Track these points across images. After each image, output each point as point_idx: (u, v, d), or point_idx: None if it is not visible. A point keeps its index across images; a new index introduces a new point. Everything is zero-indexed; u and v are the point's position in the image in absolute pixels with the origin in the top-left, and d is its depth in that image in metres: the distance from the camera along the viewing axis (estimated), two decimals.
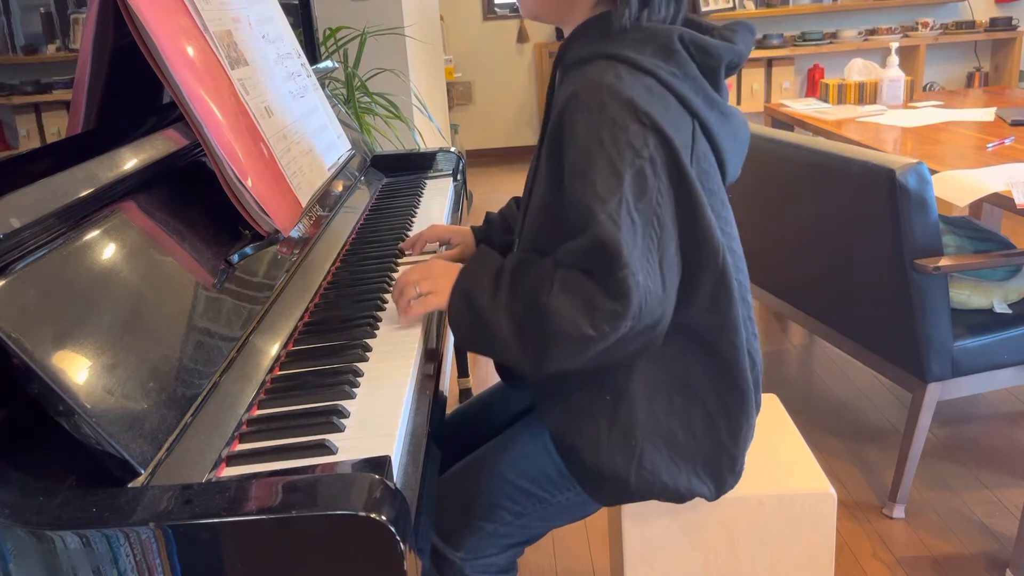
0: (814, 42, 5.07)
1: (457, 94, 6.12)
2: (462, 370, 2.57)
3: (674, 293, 1.01)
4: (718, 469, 1.11)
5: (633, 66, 1.00)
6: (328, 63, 2.18)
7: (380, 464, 0.79)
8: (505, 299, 1.02)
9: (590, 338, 0.95)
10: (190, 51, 1.09)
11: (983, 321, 1.91)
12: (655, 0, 1.03)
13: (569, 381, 1.09)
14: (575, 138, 0.98)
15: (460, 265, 1.12)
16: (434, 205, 1.82)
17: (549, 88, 1.16)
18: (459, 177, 2.08)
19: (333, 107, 1.77)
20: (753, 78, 5.34)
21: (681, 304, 1.03)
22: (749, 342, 1.11)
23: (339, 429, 0.90)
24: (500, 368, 1.25)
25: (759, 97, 5.33)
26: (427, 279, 1.13)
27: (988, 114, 2.76)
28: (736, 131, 1.12)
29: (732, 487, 1.13)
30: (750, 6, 5.02)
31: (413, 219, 1.70)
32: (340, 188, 1.65)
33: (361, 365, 1.04)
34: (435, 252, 1.46)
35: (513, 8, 6.11)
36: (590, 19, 1.06)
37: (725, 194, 1.12)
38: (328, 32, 2.85)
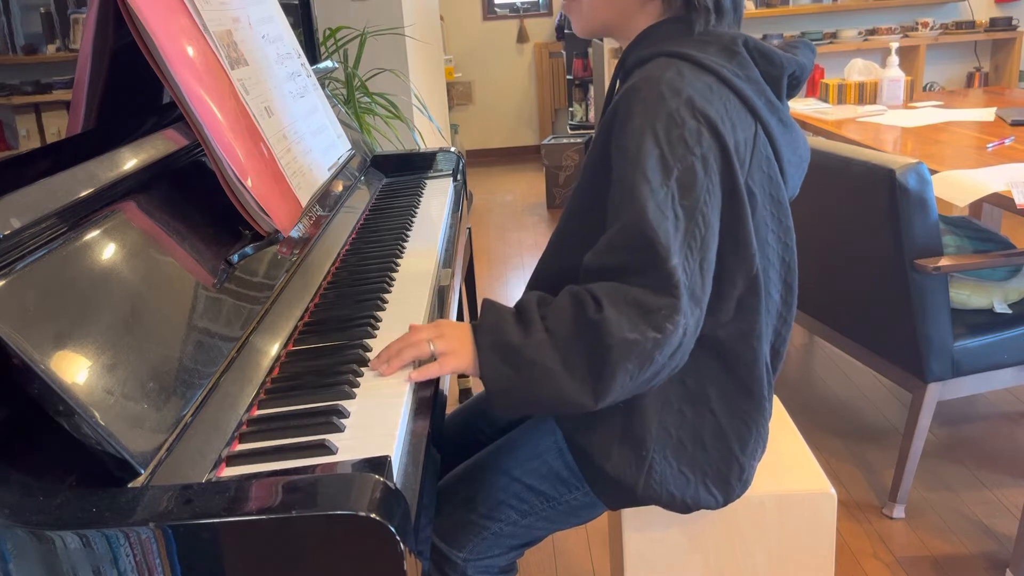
0: (814, 42, 5.07)
1: (457, 94, 6.12)
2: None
3: (707, 298, 0.99)
4: (727, 479, 1.10)
5: (695, 64, 1.00)
6: (328, 63, 2.18)
7: (380, 464, 0.79)
8: (542, 334, 0.96)
9: (655, 341, 0.91)
10: (190, 51, 1.09)
11: (983, 321, 1.91)
12: (726, 8, 1.04)
13: None
14: (629, 127, 0.97)
15: (468, 324, 1.05)
16: (434, 205, 1.82)
17: (608, 93, 1.16)
18: (459, 177, 2.08)
19: (333, 107, 1.77)
20: None
21: (706, 312, 1.01)
22: (768, 351, 1.11)
23: (339, 429, 0.90)
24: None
25: None
26: (442, 338, 1.02)
27: (988, 114, 2.76)
28: (796, 144, 1.11)
29: (740, 496, 1.13)
30: (750, 6, 5.02)
31: (413, 219, 1.70)
32: (340, 188, 1.65)
33: (361, 365, 1.04)
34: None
35: (513, 8, 6.12)
36: (653, 25, 1.07)
37: (788, 204, 1.10)
38: (328, 32, 2.85)
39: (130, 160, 1.01)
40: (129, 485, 0.74)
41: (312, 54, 2.11)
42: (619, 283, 0.94)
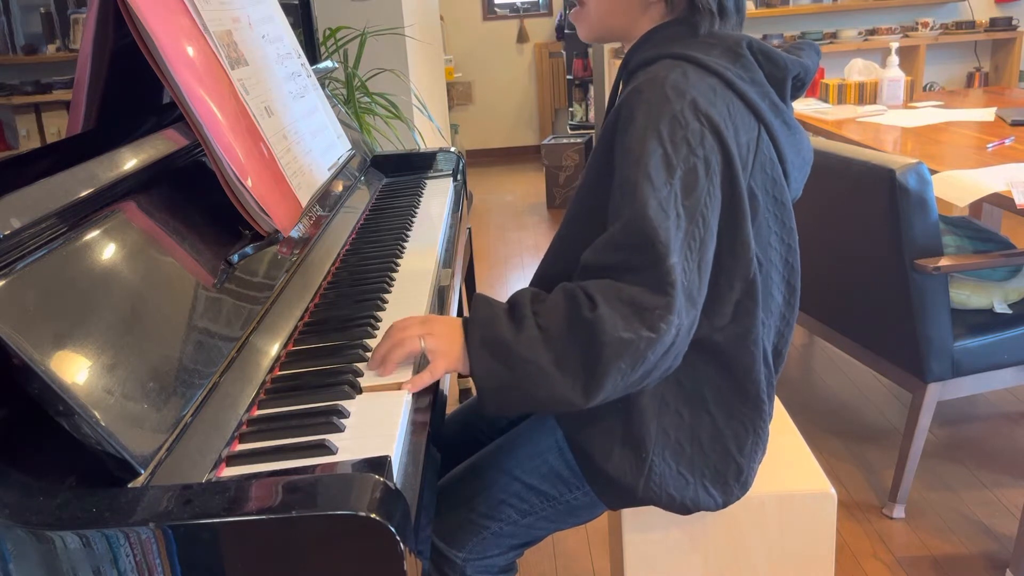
0: (814, 42, 5.06)
1: (457, 94, 6.12)
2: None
3: (702, 300, 0.99)
4: (725, 480, 1.11)
5: (699, 66, 1.00)
6: (328, 63, 2.18)
7: (380, 464, 0.79)
8: (535, 331, 0.95)
9: (649, 341, 0.91)
10: (190, 51, 1.09)
11: (983, 321, 1.91)
12: (729, 10, 1.04)
13: None
14: (633, 127, 0.97)
15: (458, 319, 1.04)
16: (434, 205, 1.82)
17: (611, 94, 1.16)
18: (459, 177, 2.08)
19: (333, 107, 1.77)
20: None
21: (702, 315, 1.01)
22: (767, 350, 1.11)
23: (339, 429, 0.90)
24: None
25: None
26: (431, 337, 1.00)
27: (988, 114, 2.75)
28: (800, 146, 1.11)
29: (739, 497, 1.13)
30: (750, 6, 5.02)
31: (413, 219, 1.70)
32: (340, 188, 1.65)
33: (361, 365, 1.04)
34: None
35: (513, 8, 6.12)
36: (656, 27, 1.07)
37: (791, 206, 1.10)
38: (328, 32, 2.85)
39: (130, 160, 1.01)
40: (129, 485, 0.74)
41: (312, 54, 2.11)
42: (614, 281, 0.94)
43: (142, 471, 0.75)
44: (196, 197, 1.12)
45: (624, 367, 0.93)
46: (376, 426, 0.91)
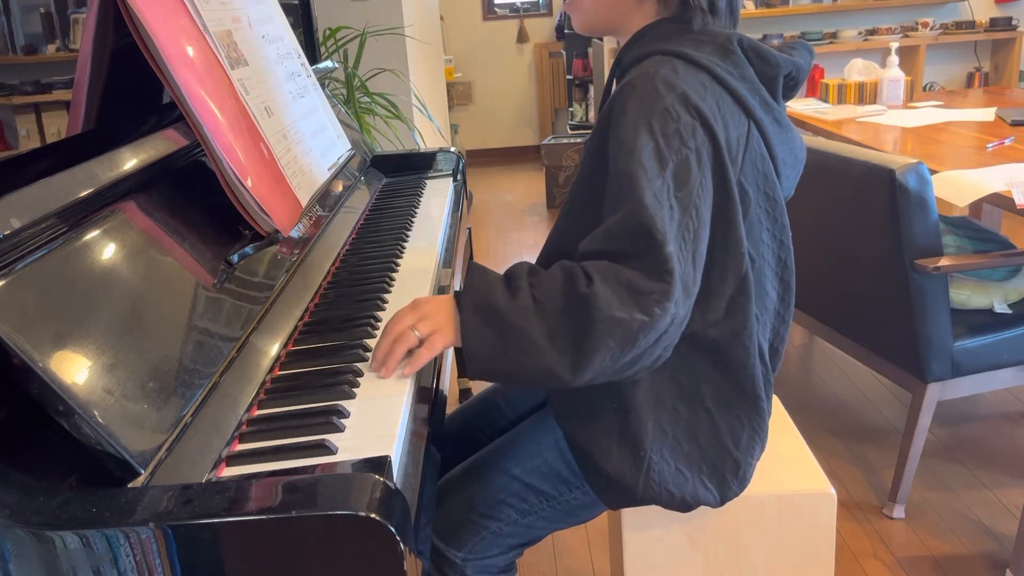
0: (814, 42, 5.07)
1: (457, 94, 6.12)
2: (462, 370, 2.57)
3: (696, 291, 0.99)
4: (722, 476, 1.11)
5: (689, 62, 1.02)
6: (328, 63, 2.18)
7: (380, 464, 0.79)
8: (528, 301, 0.95)
9: (641, 324, 0.91)
10: (190, 51, 1.09)
11: (983, 321, 1.91)
12: (720, 8, 1.05)
13: (583, 391, 1.08)
14: (625, 120, 0.98)
15: (449, 295, 1.04)
16: (434, 205, 1.82)
17: (605, 92, 1.17)
18: (459, 177, 2.08)
19: (333, 107, 1.77)
20: None
21: (696, 310, 1.01)
22: (763, 347, 1.11)
23: (339, 429, 0.90)
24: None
25: None
26: (424, 319, 1.01)
27: (988, 114, 2.75)
28: (792, 144, 1.12)
29: (737, 494, 1.13)
30: (750, 6, 5.02)
31: (413, 219, 1.70)
32: (340, 188, 1.65)
33: (361, 365, 1.04)
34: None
35: (513, 8, 6.11)
36: (649, 25, 1.08)
37: (784, 203, 1.11)
38: (328, 32, 2.85)
39: (130, 160, 1.01)
40: (129, 485, 0.74)
41: (312, 54, 2.11)
42: (615, 264, 0.95)
43: (142, 471, 0.75)
44: (196, 197, 1.12)
45: (614, 346, 0.93)
46: (376, 426, 0.91)
